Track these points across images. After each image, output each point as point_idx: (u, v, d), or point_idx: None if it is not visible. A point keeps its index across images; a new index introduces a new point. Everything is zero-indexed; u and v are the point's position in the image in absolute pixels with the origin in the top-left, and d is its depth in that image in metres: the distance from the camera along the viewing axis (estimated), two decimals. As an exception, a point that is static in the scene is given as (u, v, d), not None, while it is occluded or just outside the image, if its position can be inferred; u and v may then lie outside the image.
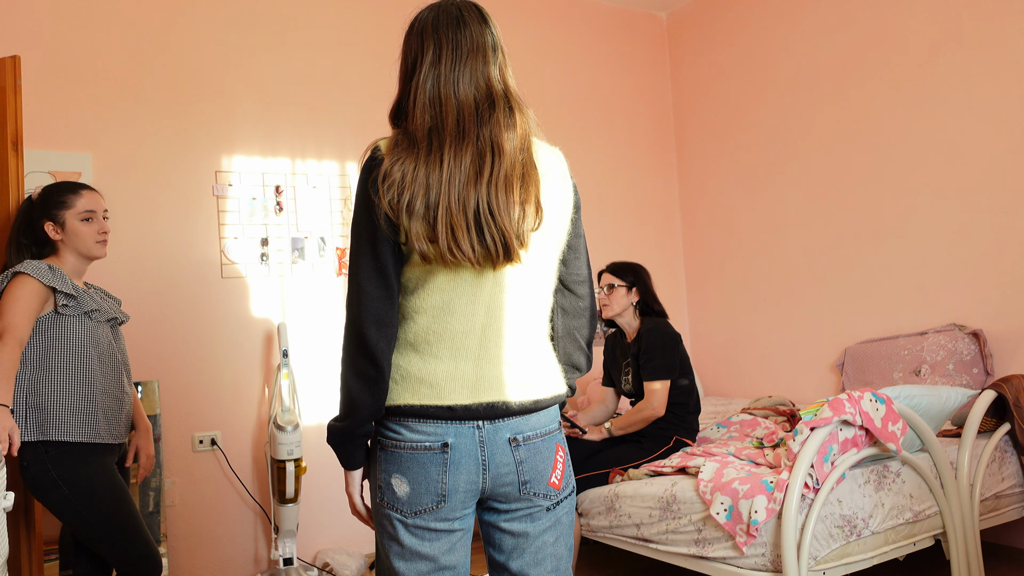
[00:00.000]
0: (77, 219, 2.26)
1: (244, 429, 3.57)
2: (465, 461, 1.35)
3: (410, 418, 1.35)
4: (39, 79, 3.24)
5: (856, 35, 3.86)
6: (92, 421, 2.17)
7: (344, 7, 3.95)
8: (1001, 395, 2.80)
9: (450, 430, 1.35)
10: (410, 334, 1.38)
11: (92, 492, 2.14)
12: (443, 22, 1.41)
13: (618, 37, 4.84)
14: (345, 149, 3.89)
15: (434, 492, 1.35)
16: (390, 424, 1.37)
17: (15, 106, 2.46)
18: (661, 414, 3.00)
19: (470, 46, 1.40)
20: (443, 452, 1.34)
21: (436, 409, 1.34)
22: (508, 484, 1.39)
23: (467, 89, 1.38)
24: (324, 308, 3.77)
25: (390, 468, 1.36)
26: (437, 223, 1.30)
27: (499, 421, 1.37)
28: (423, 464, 1.34)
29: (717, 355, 4.73)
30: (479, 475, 1.37)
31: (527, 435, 1.40)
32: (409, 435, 1.35)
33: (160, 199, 3.47)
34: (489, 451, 1.37)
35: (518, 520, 1.43)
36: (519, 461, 1.39)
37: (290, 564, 3.34)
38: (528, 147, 1.40)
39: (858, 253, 3.88)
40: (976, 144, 3.38)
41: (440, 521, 1.37)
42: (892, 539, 2.49)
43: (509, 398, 1.38)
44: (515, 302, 1.40)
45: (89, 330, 2.22)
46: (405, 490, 1.35)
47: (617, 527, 2.84)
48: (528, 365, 1.42)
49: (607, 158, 4.73)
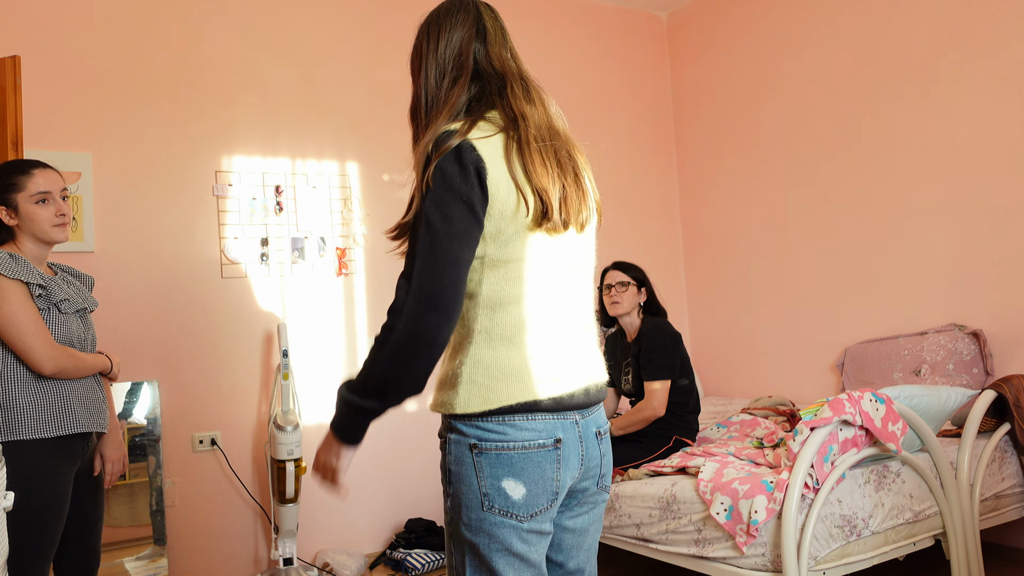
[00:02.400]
0: (31, 202, 2.04)
1: (244, 429, 3.57)
2: (572, 457, 1.33)
3: (516, 415, 1.29)
4: (39, 79, 3.24)
5: (856, 35, 3.86)
6: (69, 413, 2.03)
7: (344, 7, 3.95)
8: (1001, 395, 2.80)
9: (559, 425, 1.31)
10: (504, 325, 1.31)
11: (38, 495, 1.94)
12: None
13: (618, 37, 4.84)
14: (345, 149, 3.89)
15: (550, 491, 1.31)
16: (486, 425, 1.29)
17: (15, 106, 2.46)
18: (661, 414, 3.00)
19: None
20: (556, 448, 1.30)
21: (548, 403, 1.30)
22: (591, 478, 1.39)
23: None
24: (324, 308, 3.77)
25: (499, 472, 1.28)
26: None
27: (588, 414, 1.36)
28: (538, 463, 1.29)
29: (717, 355, 4.73)
30: (578, 470, 1.35)
31: (604, 428, 1.41)
32: (517, 433, 1.28)
33: (160, 199, 3.47)
34: (586, 446, 1.36)
35: (583, 516, 1.42)
36: (603, 454, 1.40)
37: (290, 564, 3.34)
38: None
39: (858, 253, 3.88)
40: (976, 144, 3.38)
41: (548, 522, 1.33)
42: (892, 539, 2.49)
43: (595, 382, 1.39)
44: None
45: (60, 322, 2.06)
46: (522, 492, 1.29)
47: (617, 527, 2.84)
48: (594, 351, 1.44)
49: (607, 158, 4.72)
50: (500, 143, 1.30)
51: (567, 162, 1.37)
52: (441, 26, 1.42)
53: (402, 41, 4.05)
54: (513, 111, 1.34)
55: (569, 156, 1.39)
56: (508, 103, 1.35)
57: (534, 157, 1.30)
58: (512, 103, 1.35)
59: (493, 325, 1.30)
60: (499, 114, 1.35)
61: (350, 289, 3.86)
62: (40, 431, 1.99)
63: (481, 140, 1.29)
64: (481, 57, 1.40)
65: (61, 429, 2.02)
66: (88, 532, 2.19)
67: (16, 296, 1.98)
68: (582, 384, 1.35)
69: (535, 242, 1.31)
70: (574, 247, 1.38)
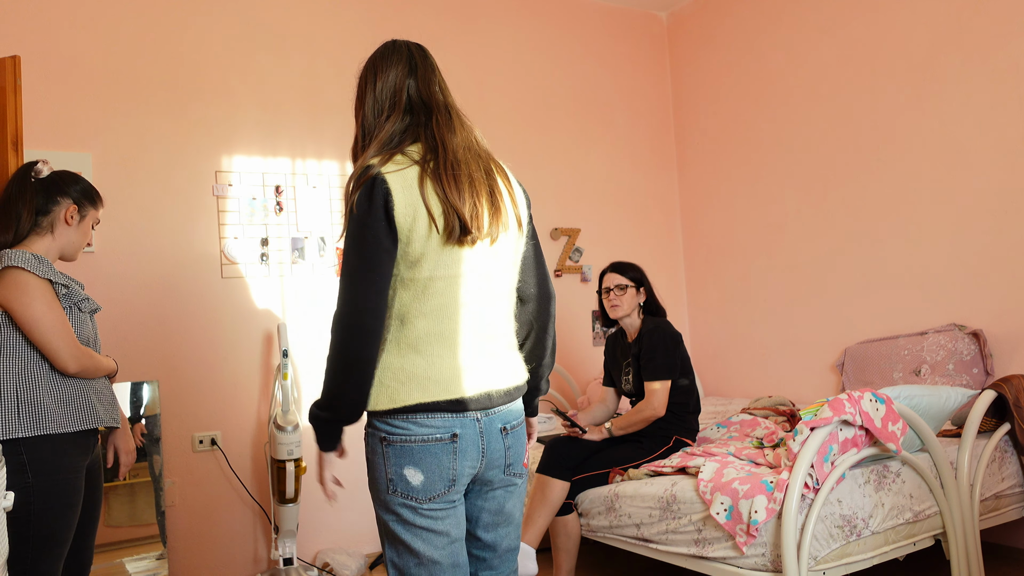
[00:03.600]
0: (89, 221, 2.19)
1: (244, 429, 3.57)
2: (471, 449, 1.53)
3: (418, 413, 1.48)
4: (39, 79, 3.24)
5: (856, 35, 3.86)
6: (90, 407, 2.07)
7: (344, 7, 3.95)
8: (1001, 395, 2.80)
9: (456, 422, 1.50)
10: (412, 335, 1.52)
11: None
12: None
13: (618, 37, 4.84)
14: (345, 149, 3.89)
15: (447, 478, 1.51)
16: (394, 422, 1.49)
17: (15, 106, 2.45)
18: (661, 414, 3.00)
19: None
20: (453, 442, 1.50)
21: (446, 403, 1.49)
22: (496, 467, 1.59)
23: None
24: (324, 308, 3.77)
25: (402, 461, 1.49)
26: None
27: (490, 413, 1.55)
28: (435, 454, 1.49)
29: (717, 355, 4.73)
30: (478, 460, 1.55)
31: (512, 424, 1.61)
32: (418, 429, 1.48)
33: (160, 199, 3.47)
34: (487, 440, 1.55)
35: (496, 498, 1.63)
36: (508, 447, 1.60)
37: (290, 564, 3.34)
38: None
39: (858, 253, 3.88)
40: (976, 144, 3.38)
41: (450, 503, 1.54)
42: (892, 539, 2.49)
43: (499, 388, 1.57)
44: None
45: (80, 322, 2.12)
46: (420, 479, 1.49)
47: (617, 527, 2.84)
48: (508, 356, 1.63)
49: (607, 158, 4.72)
50: (413, 174, 1.49)
51: (482, 182, 1.54)
52: (378, 68, 1.63)
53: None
54: (435, 140, 1.54)
55: (487, 175, 1.56)
56: (431, 133, 1.55)
57: (449, 181, 1.48)
58: (435, 132, 1.55)
59: (402, 336, 1.51)
60: (421, 145, 1.54)
61: (350, 289, 3.85)
62: (63, 426, 2.02)
63: (394, 173, 1.48)
64: (413, 92, 1.60)
65: (82, 423, 2.06)
66: (87, 527, 2.21)
67: (44, 295, 2.01)
68: (483, 389, 1.53)
69: (446, 259, 1.49)
70: (487, 260, 1.55)
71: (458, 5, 4.28)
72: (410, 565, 1.54)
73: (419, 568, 1.54)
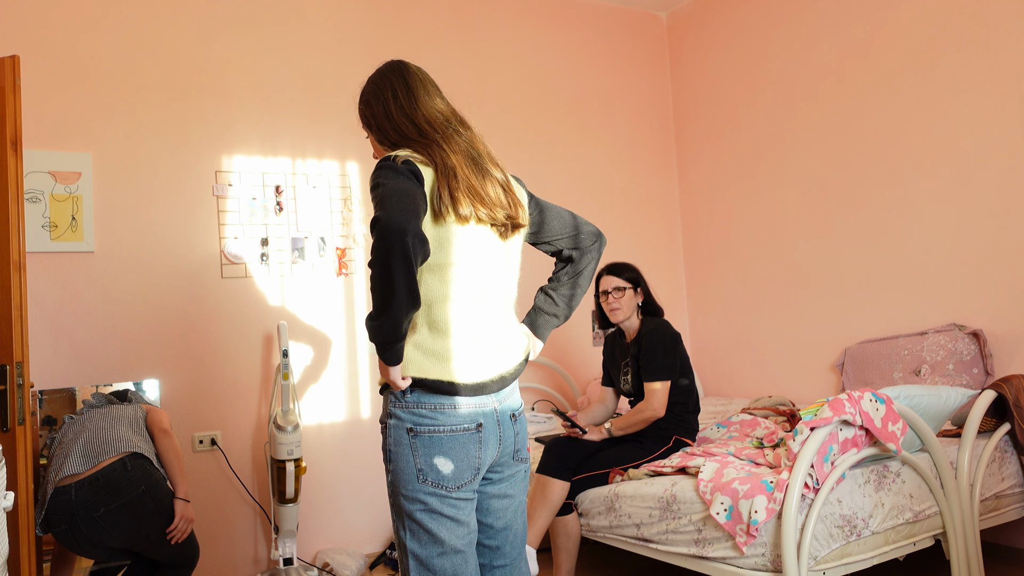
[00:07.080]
0: None
1: (244, 429, 3.57)
2: (491, 438, 1.63)
3: (443, 399, 1.56)
4: (39, 79, 3.24)
5: (856, 34, 3.86)
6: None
7: (344, 7, 3.95)
8: (1001, 395, 2.80)
9: (479, 413, 1.60)
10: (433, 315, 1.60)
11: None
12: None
13: (618, 37, 4.84)
14: (345, 149, 3.89)
15: (473, 467, 1.60)
16: (420, 412, 1.57)
17: (15, 106, 2.45)
18: (661, 415, 3.00)
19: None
20: (478, 431, 1.60)
21: (471, 387, 1.58)
22: (508, 453, 1.69)
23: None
24: (324, 308, 3.77)
25: (432, 451, 1.56)
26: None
27: (503, 399, 1.65)
28: (463, 443, 1.58)
29: (717, 355, 4.73)
30: (496, 449, 1.65)
31: (519, 411, 1.72)
32: (446, 419, 1.57)
33: (160, 199, 3.47)
34: (503, 428, 1.65)
35: (505, 484, 1.71)
36: (517, 433, 1.70)
37: (290, 564, 3.34)
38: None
39: (858, 253, 3.88)
40: (976, 144, 3.38)
41: (472, 491, 1.62)
42: (892, 539, 2.49)
43: (508, 368, 1.67)
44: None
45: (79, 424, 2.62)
46: (450, 468, 1.57)
47: (617, 527, 2.84)
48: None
49: (607, 158, 4.72)
50: (431, 171, 1.58)
51: (485, 178, 1.64)
52: (377, 92, 1.72)
53: (403, 41, 4.06)
54: (440, 143, 1.62)
55: (487, 174, 1.65)
56: (435, 142, 1.63)
57: (458, 182, 1.57)
58: (439, 141, 1.63)
59: (429, 319, 1.58)
60: (426, 153, 1.62)
61: (350, 289, 3.86)
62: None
63: (419, 162, 1.58)
64: (412, 117, 1.68)
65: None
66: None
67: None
68: (498, 372, 1.63)
69: (468, 246, 1.59)
70: (501, 250, 1.68)
71: (458, 6, 4.28)
72: (433, 555, 1.58)
73: (442, 558, 1.58)
